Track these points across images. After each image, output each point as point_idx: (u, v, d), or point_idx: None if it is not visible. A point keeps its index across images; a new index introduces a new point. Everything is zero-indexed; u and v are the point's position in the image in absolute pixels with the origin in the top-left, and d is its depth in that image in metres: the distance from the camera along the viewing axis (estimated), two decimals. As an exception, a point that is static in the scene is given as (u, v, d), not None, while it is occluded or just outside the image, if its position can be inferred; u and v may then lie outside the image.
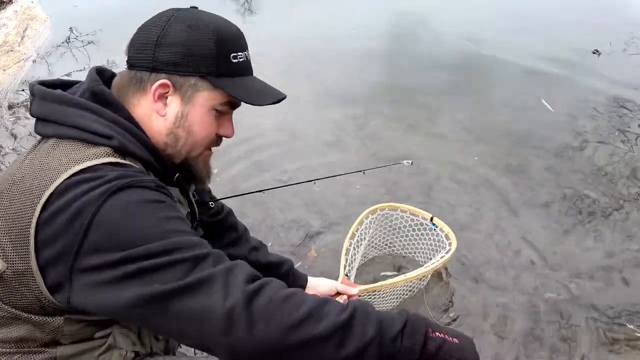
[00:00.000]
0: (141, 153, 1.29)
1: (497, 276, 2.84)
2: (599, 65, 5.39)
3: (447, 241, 2.51)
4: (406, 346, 1.11)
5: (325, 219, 3.20)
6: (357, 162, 3.69)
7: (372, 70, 5.09)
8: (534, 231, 3.14)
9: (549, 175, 3.64)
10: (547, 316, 2.62)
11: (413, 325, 1.14)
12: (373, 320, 1.11)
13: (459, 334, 1.21)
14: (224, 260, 1.14)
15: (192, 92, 1.33)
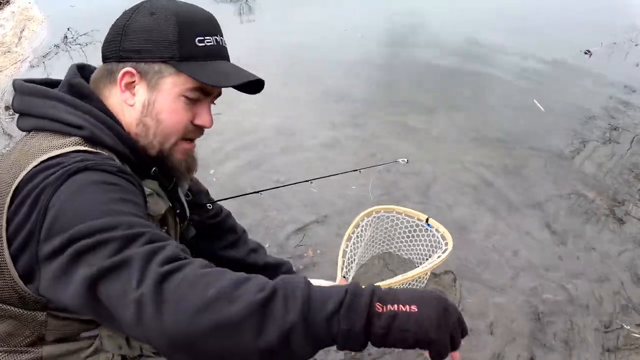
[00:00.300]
0: (113, 143, 1.28)
1: (495, 277, 2.84)
2: (590, 65, 5.41)
3: (444, 241, 2.51)
4: (343, 329, 0.93)
5: (322, 220, 3.20)
6: (355, 163, 3.69)
7: (370, 72, 5.10)
8: (532, 232, 3.15)
9: (546, 175, 3.65)
10: (546, 317, 2.62)
11: (351, 302, 0.95)
12: (298, 298, 0.94)
13: (420, 296, 1.00)
14: (158, 240, 1.02)
15: (157, 79, 1.31)
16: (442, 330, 0.98)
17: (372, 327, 0.95)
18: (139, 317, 0.91)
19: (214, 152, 3.78)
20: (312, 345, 0.94)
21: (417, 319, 0.96)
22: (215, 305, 0.91)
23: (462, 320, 1.04)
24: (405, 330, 0.95)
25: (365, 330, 0.94)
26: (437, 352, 0.99)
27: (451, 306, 1.02)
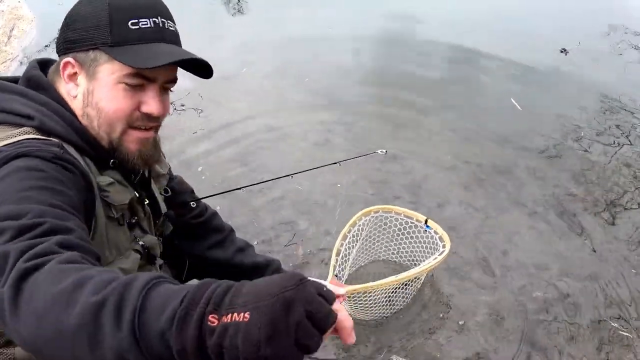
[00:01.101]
0: (66, 133, 1.26)
1: (484, 275, 2.84)
2: (567, 63, 5.44)
3: (441, 243, 2.49)
4: (178, 350, 0.77)
5: (312, 220, 3.18)
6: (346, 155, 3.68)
7: (360, 72, 5.07)
8: (521, 231, 3.15)
9: (536, 174, 3.65)
10: (535, 314, 2.62)
11: (184, 315, 0.77)
12: (129, 309, 0.79)
13: (256, 293, 0.77)
14: (59, 231, 0.97)
15: (94, 67, 1.28)
16: (280, 340, 0.74)
17: (207, 348, 0.76)
18: (1, 316, 0.87)
19: (202, 150, 3.76)
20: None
21: (245, 332, 0.74)
22: (52, 309, 0.82)
23: (319, 312, 0.77)
24: (235, 348, 0.74)
25: (200, 352, 0.76)
26: None
27: (299, 299, 0.76)
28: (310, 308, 0.76)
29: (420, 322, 2.56)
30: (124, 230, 1.43)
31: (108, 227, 1.35)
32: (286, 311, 0.75)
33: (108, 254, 1.35)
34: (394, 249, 2.82)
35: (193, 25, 5.13)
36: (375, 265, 2.86)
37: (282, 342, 0.74)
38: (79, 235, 1.01)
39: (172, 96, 1.52)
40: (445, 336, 2.49)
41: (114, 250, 1.38)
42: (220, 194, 2.32)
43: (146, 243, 1.51)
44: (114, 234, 1.37)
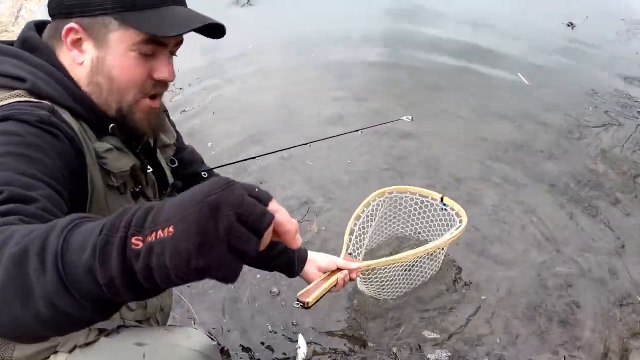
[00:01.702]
0: (59, 96, 1.20)
1: (504, 251, 2.77)
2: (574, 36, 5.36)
3: (458, 219, 2.43)
4: (105, 284, 0.71)
5: (327, 196, 3.12)
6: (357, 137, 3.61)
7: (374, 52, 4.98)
8: (541, 206, 3.07)
9: (555, 151, 3.56)
10: (557, 290, 2.56)
11: (104, 245, 0.71)
12: (51, 249, 0.73)
13: (179, 204, 0.71)
14: (17, 200, 0.92)
15: (104, 33, 1.22)
16: (211, 248, 0.67)
17: (136, 274, 0.71)
18: None
19: (211, 127, 3.70)
20: (93, 306, 0.74)
21: (172, 247, 0.68)
22: None
23: (251, 214, 0.70)
24: (164, 267, 0.69)
25: (128, 279, 0.71)
26: (221, 278, 0.70)
27: (226, 202, 0.69)
28: (241, 210, 0.69)
29: (440, 298, 2.50)
30: (127, 199, 1.37)
31: (108, 196, 1.29)
32: (214, 216, 0.68)
33: None
34: (411, 228, 2.76)
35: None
36: (392, 244, 2.79)
37: (213, 250, 0.68)
38: (42, 205, 0.95)
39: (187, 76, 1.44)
40: (466, 312, 2.43)
41: None
42: (232, 163, 2.24)
43: None
44: (114, 203, 1.31)
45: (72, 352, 1.32)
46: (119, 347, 1.32)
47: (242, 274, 2.50)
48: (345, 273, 2.04)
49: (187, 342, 1.32)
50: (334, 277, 1.99)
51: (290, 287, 2.49)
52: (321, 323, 2.37)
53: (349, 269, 2.06)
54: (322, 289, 1.92)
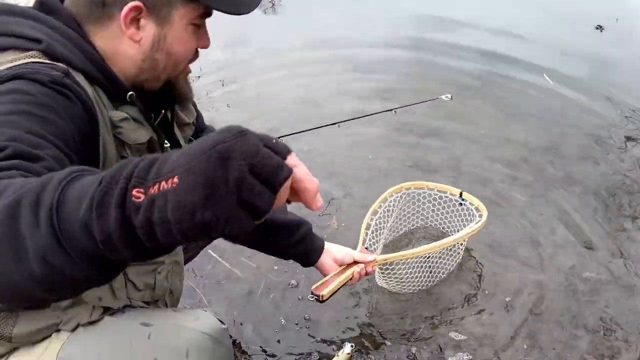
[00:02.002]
0: (76, 59, 1.15)
1: (531, 254, 2.66)
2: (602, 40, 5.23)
3: (478, 214, 2.34)
4: (102, 240, 0.65)
5: (347, 192, 3.03)
6: (383, 133, 3.54)
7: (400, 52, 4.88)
8: (571, 210, 2.95)
9: (586, 153, 3.43)
10: (586, 296, 2.44)
11: (102, 198, 0.65)
12: (45, 203, 0.67)
13: (188, 153, 0.64)
14: (20, 157, 0.85)
15: (167, 11, 1.20)
16: (218, 200, 0.61)
17: (135, 229, 0.64)
18: None
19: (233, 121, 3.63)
20: (90, 265, 0.68)
21: (176, 200, 0.62)
22: None
23: (265, 165, 0.63)
24: (166, 222, 0.62)
25: (127, 235, 0.65)
26: (228, 234, 0.63)
27: (238, 150, 0.62)
28: (254, 161, 0.62)
29: (464, 298, 2.39)
30: None
31: None
32: (223, 166, 0.61)
33: None
34: (429, 224, 2.67)
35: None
36: (410, 240, 2.69)
37: (222, 203, 0.61)
38: (48, 165, 0.89)
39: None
40: (490, 314, 2.32)
41: None
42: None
43: None
44: None
45: (75, 330, 1.25)
46: (124, 327, 1.24)
47: (258, 267, 2.44)
48: (362, 267, 1.96)
49: (195, 324, 1.24)
50: (349, 271, 1.91)
51: (309, 279, 2.41)
52: (338, 320, 2.28)
53: (365, 262, 1.98)
54: (337, 282, 1.85)
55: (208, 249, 2.54)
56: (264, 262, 2.52)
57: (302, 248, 1.91)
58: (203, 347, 1.21)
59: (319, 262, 1.96)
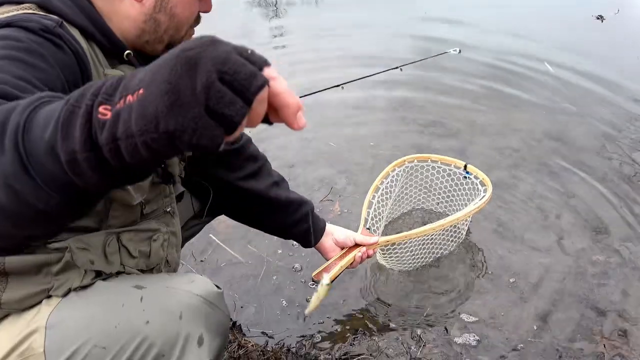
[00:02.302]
0: (72, 13, 1.12)
1: (538, 237, 2.60)
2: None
3: (482, 188, 2.28)
4: (66, 160, 0.62)
5: (350, 178, 2.99)
6: (384, 130, 3.49)
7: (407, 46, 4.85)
8: (578, 195, 2.89)
9: (592, 140, 3.38)
10: (595, 278, 2.37)
11: (68, 117, 0.62)
12: (11, 126, 0.65)
13: (152, 71, 0.60)
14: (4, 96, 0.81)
15: None
16: (184, 108, 0.57)
17: (101, 149, 0.61)
18: None
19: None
20: (56, 191, 0.65)
21: (139, 110, 0.58)
22: None
23: (237, 72, 0.58)
24: (130, 137, 0.59)
25: (93, 155, 0.61)
26: (196, 145, 0.59)
27: (207, 57, 0.58)
28: (225, 68, 0.58)
29: (470, 281, 2.33)
30: None
31: None
32: (190, 72, 0.57)
33: None
34: (432, 199, 2.62)
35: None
36: (412, 217, 2.67)
37: (188, 111, 0.57)
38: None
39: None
40: (497, 296, 2.26)
41: None
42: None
43: None
44: None
45: (66, 295, 1.20)
46: (115, 290, 1.19)
47: (260, 251, 2.39)
48: (363, 250, 1.91)
49: (190, 286, 1.19)
50: (351, 254, 1.87)
51: (311, 264, 2.36)
52: (341, 302, 2.23)
53: (367, 245, 1.93)
54: (338, 267, 1.81)
55: (210, 234, 2.51)
56: (266, 247, 2.49)
57: (303, 227, 1.87)
58: (197, 310, 1.16)
59: (319, 243, 1.92)
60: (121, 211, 1.25)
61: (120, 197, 1.21)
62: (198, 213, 1.83)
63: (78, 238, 1.19)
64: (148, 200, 1.33)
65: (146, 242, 1.34)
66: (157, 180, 1.33)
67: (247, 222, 1.93)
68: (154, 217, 1.38)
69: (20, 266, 1.16)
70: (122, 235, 1.26)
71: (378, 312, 2.18)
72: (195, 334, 1.13)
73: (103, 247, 1.22)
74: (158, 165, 0.58)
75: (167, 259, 1.44)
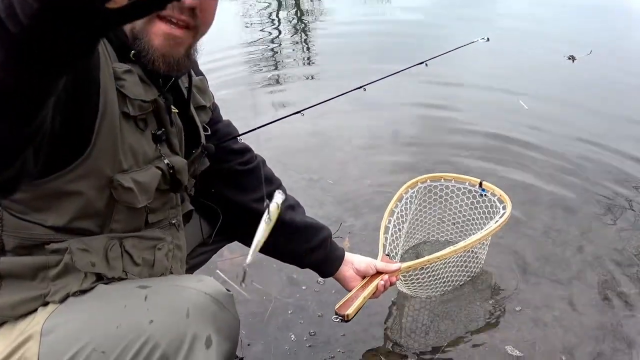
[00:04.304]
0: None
1: (559, 270, 2.49)
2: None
3: (501, 205, 2.19)
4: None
5: (358, 212, 2.90)
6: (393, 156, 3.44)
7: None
8: (595, 229, 2.79)
9: (607, 175, 3.30)
10: (622, 310, 2.25)
11: None
12: None
13: None
14: None
15: None
16: None
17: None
18: None
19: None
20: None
21: None
22: None
23: None
24: None
25: None
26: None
27: None
28: None
29: (490, 315, 2.21)
30: (147, 140, 1.19)
31: (123, 126, 1.11)
32: None
33: (123, 158, 1.11)
34: (449, 220, 2.53)
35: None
36: (429, 240, 2.58)
37: None
38: None
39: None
40: (519, 330, 2.13)
41: (130, 156, 1.13)
42: (276, 121, 1.95)
43: (172, 163, 1.24)
44: (130, 137, 1.13)
45: (64, 301, 1.10)
46: (117, 291, 1.10)
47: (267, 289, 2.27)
48: (386, 277, 1.81)
49: (198, 285, 1.09)
50: (373, 284, 1.78)
51: (320, 300, 2.25)
52: (356, 333, 2.09)
53: (389, 272, 1.83)
54: (361, 298, 1.72)
55: (217, 270, 2.41)
56: (273, 285, 2.37)
57: (320, 255, 1.77)
58: (206, 308, 1.06)
59: (338, 272, 1.82)
60: (125, 215, 1.17)
61: (124, 198, 1.13)
62: (207, 239, 1.73)
63: (78, 239, 1.11)
64: (154, 209, 1.25)
65: (150, 250, 1.24)
66: (164, 188, 1.25)
67: (262, 250, 1.83)
68: (158, 228, 1.30)
69: (15, 268, 1.08)
70: (125, 240, 1.18)
71: (394, 346, 2.05)
72: (203, 334, 1.03)
73: (105, 251, 1.14)
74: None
75: (172, 271, 1.34)
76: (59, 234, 1.09)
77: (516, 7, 8.04)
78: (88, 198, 1.09)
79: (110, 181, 1.10)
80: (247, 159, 1.71)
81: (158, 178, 1.20)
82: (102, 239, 1.14)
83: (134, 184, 1.13)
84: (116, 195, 1.12)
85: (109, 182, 1.10)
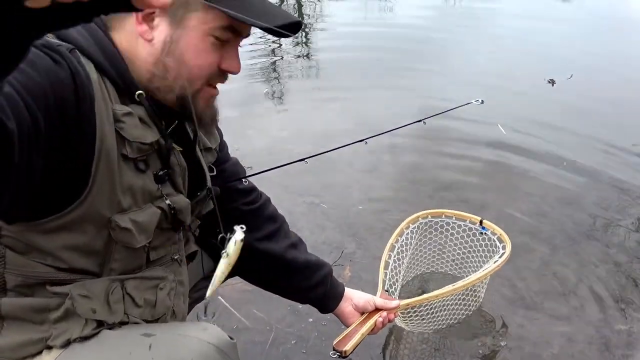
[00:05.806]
0: (86, 44, 1.07)
1: (557, 306, 2.50)
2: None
3: (501, 244, 2.21)
4: None
5: (360, 240, 2.92)
6: (393, 196, 3.45)
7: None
8: (595, 262, 2.81)
9: (606, 206, 3.32)
10: (620, 349, 2.26)
11: None
12: None
13: None
14: None
15: (183, 12, 1.10)
16: None
17: None
18: None
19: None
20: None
21: None
22: None
23: None
24: None
25: None
26: None
27: None
28: None
29: (488, 351, 2.22)
30: (148, 181, 1.19)
31: (122, 168, 1.11)
32: None
33: (122, 198, 1.12)
34: (448, 256, 2.54)
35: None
36: (429, 276, 2.58)
37: None
38: (6, 91, 0.80)
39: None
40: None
41: (129, 196, 1.14)
42: (279, 166, 1.95)
43: (174, 204, 1.25)
44: (130, 179, 1.14)
45: (68, 346, 1.11)
46: (122, 338, 1.11)
47: (268, 318, 2.29)
48: (384, 314, 1.82)
49: (202, 334, 1.11)
50: (371, 320, 1.78)
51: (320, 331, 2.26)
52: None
53: (388, 309, 1.83)
54: (359, 334, 1.72)
55: (219, 296, 2.42)
56: (274, 313, 2.38)
57: (321, 292, 1.78)
58: (209, 358, 1.07)
59: (338, 309, 1.83)
60: (124, 254, 1.17)
61: (121, 238, 1.14)
62: (209, 274, 1.75)
63: (80, 284, 1.11)
64: (155, 246, 1.25)
65: (152, 290, 1.25)
66: (166, 226, 1.27)
67: (262, 285, 1.84)
68: (160, 265, 1.31)
69: (17, 309, 1.09)
70: (126, 282, 1.18)
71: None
72: None
73: (106, 295, 1.14)
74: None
75: (174, 309, 1.35)
76: (61, 273, 1.10)
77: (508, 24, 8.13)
78: (86, 238, 1.10)
79: (108, 222, 1.11)
80: (252, 199, 1.73)
81: (158, 217, 1.20)
82: (104, 283, 1.14)
83: (132, 224, 1.13)
84: (114, 235, 1.12)
85: (107, 223, 1.11)
